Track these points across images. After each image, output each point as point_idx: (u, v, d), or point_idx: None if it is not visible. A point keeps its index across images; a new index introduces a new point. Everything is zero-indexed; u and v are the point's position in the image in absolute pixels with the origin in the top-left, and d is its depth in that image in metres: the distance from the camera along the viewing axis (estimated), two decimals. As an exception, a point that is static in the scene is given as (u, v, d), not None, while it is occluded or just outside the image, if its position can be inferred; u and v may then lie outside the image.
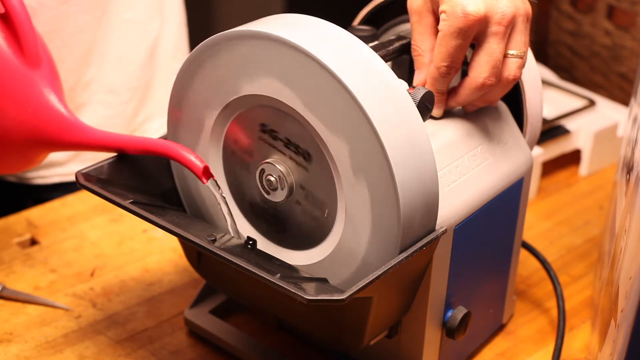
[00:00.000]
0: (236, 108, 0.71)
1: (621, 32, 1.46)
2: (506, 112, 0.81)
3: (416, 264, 0.70)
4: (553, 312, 0.91)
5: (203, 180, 0.71)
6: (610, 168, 1.20)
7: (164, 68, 1.15)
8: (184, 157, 0.72)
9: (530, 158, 0.81)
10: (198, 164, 0.71)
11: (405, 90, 0.66)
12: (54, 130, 0.78)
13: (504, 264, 0.84)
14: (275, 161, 0.70)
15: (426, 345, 0.76)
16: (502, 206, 0.78)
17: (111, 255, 0.97)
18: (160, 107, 1.16)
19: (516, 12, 0.72)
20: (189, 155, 0.72)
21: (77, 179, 0.73)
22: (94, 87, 1.08)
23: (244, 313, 0.88)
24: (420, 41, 0.75)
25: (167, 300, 0.90)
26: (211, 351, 0.84)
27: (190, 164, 0.71)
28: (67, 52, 1.03)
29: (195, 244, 0.66)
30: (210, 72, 0.70)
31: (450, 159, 0.74)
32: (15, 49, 0.78)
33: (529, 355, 0.85)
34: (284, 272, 0.67)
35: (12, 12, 0.78)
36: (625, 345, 0.64)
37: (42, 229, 1.00)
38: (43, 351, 0.83)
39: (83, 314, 0.88)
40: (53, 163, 1.09)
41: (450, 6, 0.71)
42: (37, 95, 0.78)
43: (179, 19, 1.16)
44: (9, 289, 0.89)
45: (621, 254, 0.71)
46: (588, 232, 1.06)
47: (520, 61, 0.74)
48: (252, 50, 0.66)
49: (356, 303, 0.65)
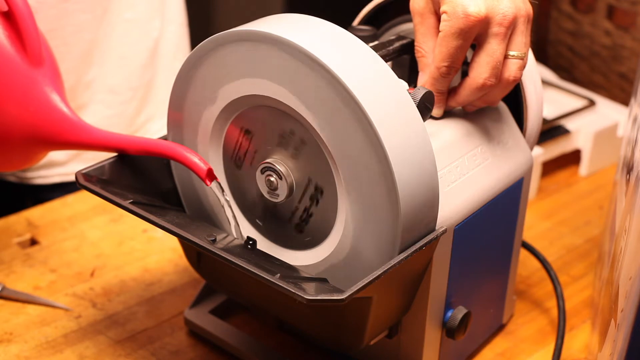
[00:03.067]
0: (236, 108, 0.71)
1: (621, 32, 1.46)
2: (506, 113, 0.81)
3: (416, 264, 0.70)
4: (553, 312, 0.91)
5: (207, 183, 0.71)
6: (610, 168, 1.20)
7: (165, 68, 1.15)
8: (187, 159, 0.72)
9: (530, 158, 0.81)
10: (202, 166, 0.71)
11: (406, 90, 0.66)
12: (55, 129, 0.78)
13: (504, 264, 0.84)
14: (275, 161, 0.70)
15: (426, 345, 0.76)
16: (502, 206, 0.78)
17: (111, 255, 0.97)
18: (162, 107, 1.16)
19: (517, 13, 0.72)
20: (192, 157, 0.71)
21: (77, 179, 0.73)
22: (94, 87, 1.08)
23: (244, 313, 0.88)
24: (423, 42, 0.75)
25: (167, 300, 0.90)
26: (211, 351, 0.84)
27: (194, 166, 0.71)
28: (67, 51, 1.03)
29: (195, 244, 0.66)
30: (210, 72, 0.70)
31: (450, 159, 0.74)
32: (18, 47, 0.78)
33: (529, 355, 0.86)
34: (284, 272, 0.67)
35: (15, 10, 0.77)
36: (625, 345, 0.64)
37: (42, 229, 1.00)
38: (43, 351, 0.83)
39: (83, 314, 0.88)
40: (53, 163, 1.09)
41: (451, 7, 0.71)
42: (39, 94, 0.78)
43: (180, 19, 1.16)
44: (9, 289, 0.89)
45: (621, 254, 0.71)
46: (588, 232, 1.06)
47: (521, 62, 0.74)
48: (252, 50, 0.66)
49: (356, 303, 0.65)
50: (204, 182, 0.71)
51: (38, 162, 0.85)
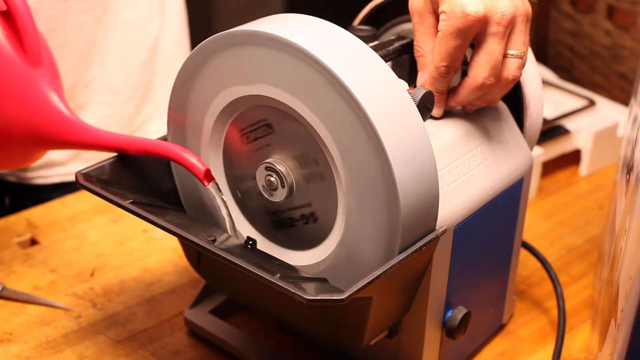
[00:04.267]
0: (236, 108, 0.71)
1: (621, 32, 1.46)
2: (506, 112, 0.81)
3: (416, 264, 0.70)
4: (553, 312, 0.91)
5: (204, 183, 0.71)
6: (610, 168, 1.20)
7: (165, 68, 1.15)
8: (186, 160, 0.72)
9: (530, 158, 0.81)
10: (200, 167, 0.71)
11: (406, 90, 0.66)
12: (54, 129, 0.78)
13: (504, 264, 0.84)
14: (275, 161, 0.70)
15: (426, 345, 0.76)
16: (502, 206, 0.78)
17: (111, 255, 0.97)
18: (161, 107, 1.16)
19: (516, 12, 0.72)
20: (191, 158, 0.72)
21: (77, 179, 0.73)
22: (94, 87, 1.08)
23: (244, 313, 0.88)
24: (422, 42, 0.75)
25: (167, 300, 0.90)
26: (211, 351, 0.84)
27: (192, 167, 0.71)
28: (67, 51, 1.03)
29: (195, 244, 0.66)
30: (210, 73, 0.70)
31: (450, 159, 0.74)
32: (16, 47, 0.78)
33: (529, 355, 0.86)
34: (284, 272, 0.67)
35: (14, 9, 0.77)
36: (625, 345, 0.64)
37: (42, 229, 1.00)
38: (43, 351, 0.83)
39: (83, 314, 0.88)
40: (53, 163, 1.09)
41: (450, 6, 0.71)
42: (38, 94, 0.78)
43: (179, 19, 1.16)
44: (9, 289, 0.89)
45: (621, 254, 0.71)
46: (588, 232, 1.06)
47: (520, 61, 0.74)
48: (252, 50, 0.66)
49: (356, 303, 0.65)
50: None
51: (36, 161, 0.85)
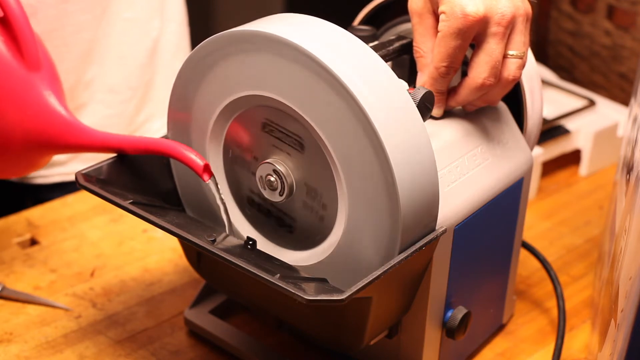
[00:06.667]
0: (236, 108, 0.71)
1: (621, 32, 1.46)
2: (506, 112, 0.81)
3: (416, 264, 0.70)
4: (553, 312, 0.91)
5: (204, 178, 0.72)
6: (610, 168, 1.20)
7: (165, 67, 1.15)
8: (184, 155, 0.72)
9: (530, 158, 0.81)
10: (198, 162, 0.72)
11: (406, 90, 0.66)
12: (54, 133, 0.78)
13: (504, 264, 0.84)
14: (275, 161, 0.70)
15: (426, 345, 0.76)
16: (502, 206, 0.78)
17: (111, 255, 0.97)
18: (161, 107, 1.16)
19: (516, 13, 0.72)
20: (189, 154, 0.72)
21: (77, 179, 0.73)
22: (94, 87, 1.08)
23: (244, 313, 0.88)
24: (421, 42, 0.75)
25: (167, 300, 0.90)
26: (211, 351, 0.84)
27: (190, 162, 0.72)
28: (67, 51, 1.03)
29: (195, 244, 0.66)
30: (210, 73, 0.70)
31: (450, 159, 0.74)
32: (14, 53, 0.78)
33: (529, 355, 0.86)
34: (284, 272, 0.67)
35: (10, 15, 0.78)
36: (625, 345, 0.64)
37: (42, 229, 1.00)
38: (43, 351, 0.83)
39: (83, 314, 0.88)
40: (53, 163, 1.09)
41: (450, 7, 0.71)
42: (37, 98, 0.78)
43: (180, 18, 1.16)
44: (9, 289, 0.89)
45: (621, 254, 0.71)
46: (588, 232, 1.06)
47: (520, 61, 0.74)
48: (252, 50, 0.66)
49: (356, 303, 0.65)
50: (201, 179, 0.72)
51: (39, 168, 0.85)
